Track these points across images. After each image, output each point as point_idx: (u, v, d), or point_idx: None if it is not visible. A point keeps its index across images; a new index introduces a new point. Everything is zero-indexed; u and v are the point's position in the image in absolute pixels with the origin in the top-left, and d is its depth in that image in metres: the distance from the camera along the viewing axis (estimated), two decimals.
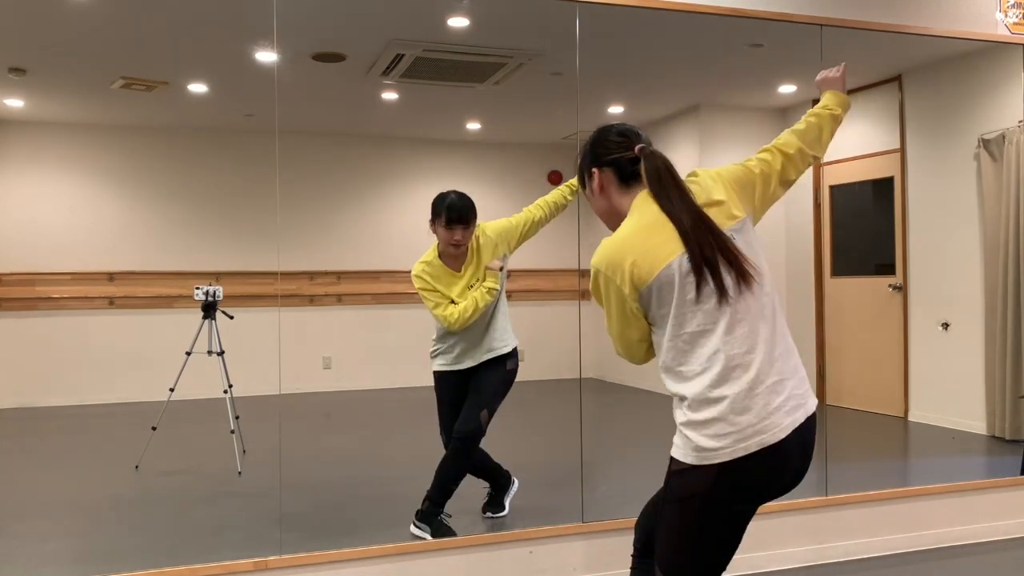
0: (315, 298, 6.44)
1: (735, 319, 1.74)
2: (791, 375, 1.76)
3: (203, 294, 4.52)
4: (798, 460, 1.74)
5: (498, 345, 3.43)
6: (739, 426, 1.68)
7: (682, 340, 1.76)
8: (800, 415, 1.73)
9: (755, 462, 1.68)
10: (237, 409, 4.52)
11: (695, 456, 1.71)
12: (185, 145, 6.48)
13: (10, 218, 6.16)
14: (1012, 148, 4.39)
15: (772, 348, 1.75)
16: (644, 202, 1.85)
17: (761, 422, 1.69)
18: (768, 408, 1.69)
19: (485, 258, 3.37)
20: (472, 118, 6.34)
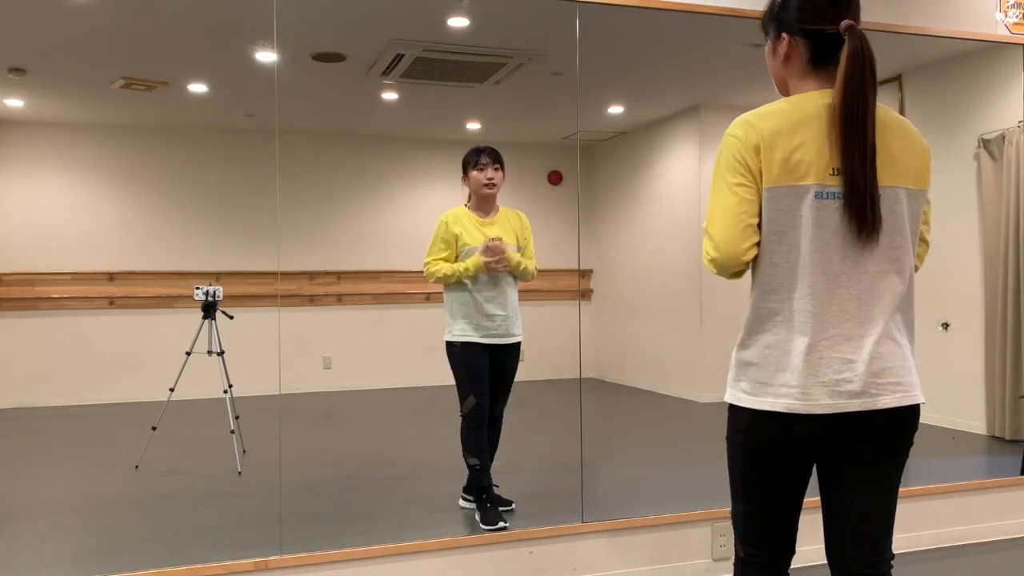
0: (315, 298, 6.44)
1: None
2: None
3: (203, 294, 4.52)
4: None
5: (517, 331, 3.56)
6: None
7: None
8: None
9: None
10: (237, 409, 4.52)
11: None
12: (185, 145, 6.48)
13: (10, 218, 6.16)
14: (1012, 148, 4.39)
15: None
16: (825, 97, 1.65)
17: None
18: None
19: (509, 231, 3.52)
20: (472, 118, 6.34)
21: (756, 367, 1.68)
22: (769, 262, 1.66)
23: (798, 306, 1.64)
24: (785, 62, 1.73)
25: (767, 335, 1.67)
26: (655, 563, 3.19)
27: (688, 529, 3.23)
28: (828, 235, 1.63)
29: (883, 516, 1.72)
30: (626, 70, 5.04)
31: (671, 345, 6.13)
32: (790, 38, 1.70)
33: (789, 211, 1.63)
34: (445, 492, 3.76)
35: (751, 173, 1.64)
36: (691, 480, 4.02)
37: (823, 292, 1.63)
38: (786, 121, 1.64)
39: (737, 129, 1.67)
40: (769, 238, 1.65)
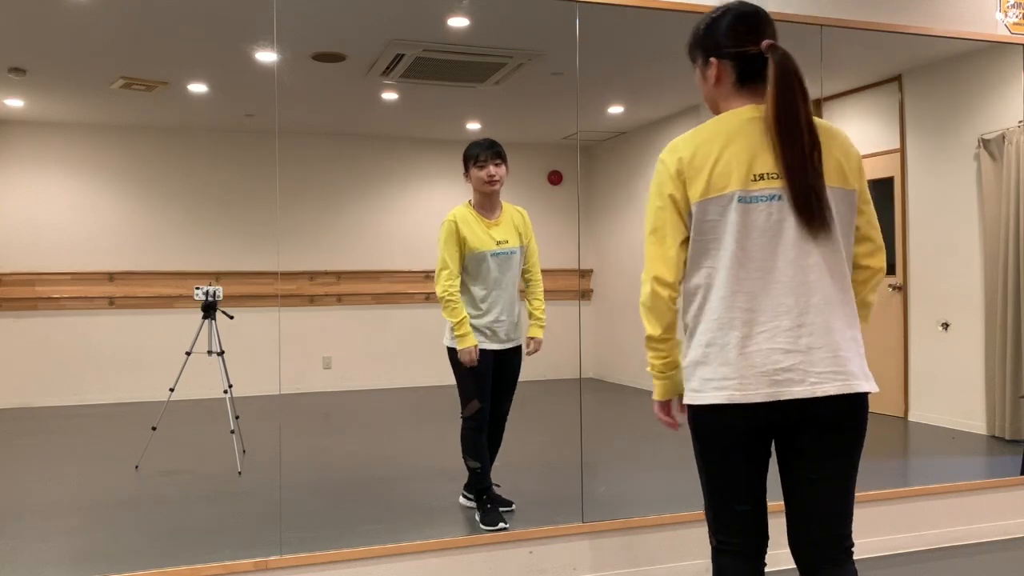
0: (315, 298, 6.44)
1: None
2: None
3: (203, 294, 4.52)
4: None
5: (519, 335, 3.57)
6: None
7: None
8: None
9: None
10: (237, 409, 4.52)
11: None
12: (185, 145, 6.48)
13: (10, 218, 6.16)
14: (1012, 148, 4.39)
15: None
16: (747, 113, 1.79)
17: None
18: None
19: (512, 231, 3.49)
20: (472, 118, 6.34)
21: (701, 365, 1.79)
22: (703, 267, 1.79)
23: (733, 302, 1.75)
24: (716, 84, 1.86)
25: (707, 334, 1.78)
26: (655, 563, 3.19)
27: (688, 529, 3.23)
28: (756, 235, 1.74)
29: (837, 507, 1.79)
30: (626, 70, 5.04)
31: None
32: (718, 61, 1.84)
33: (717, 220, 1.76)
34: (445, 492, 3.76)
35: (677, 195, 1.79)
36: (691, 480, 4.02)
37: (757, 288, 1.74)
38: (707, 139, 1.78)
39: (666, 152, 1.84)
40: (699, 246, 1.79)
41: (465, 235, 3.37)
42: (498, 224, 3.46)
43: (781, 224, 1.74)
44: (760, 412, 1.74)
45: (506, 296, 3.45)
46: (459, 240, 3.37)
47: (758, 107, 1.79)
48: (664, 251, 1.81)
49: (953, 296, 4.80)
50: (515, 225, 3.51)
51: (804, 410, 1.73)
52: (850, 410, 1.75)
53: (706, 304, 1.79)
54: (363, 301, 6.50)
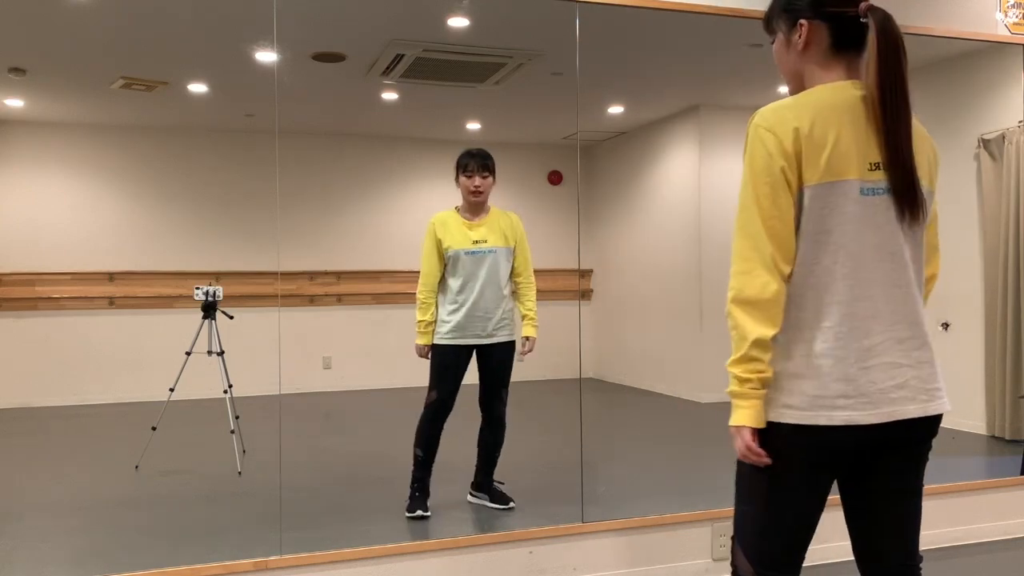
0: (315, 298, 6.43)
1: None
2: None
3: (203, 294, 4.52)
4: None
5: (502, 333, 3.68)
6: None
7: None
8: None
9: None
10: (237, 409, 4.52)
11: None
12: (185, 145, 6.48)
13: (10, 218, 6.16)
14: (1012, 148, 4.39)
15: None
16: (852, 88, 1.58)
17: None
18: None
19: (496, 232, 3.61)
20: (472, 118, 6.34)
21: (803, 379, 1.55)
22: (815, 263, 1.56)
23: (853, 309, 1.54)
24: (804, 50, 1.64)
25: (816, 343, 1.55)
26: (655, 563, 3.19)
27: (688, 529, 3.23)
28: (872, 232, 1.55)
29: (915, 522, 1.67)
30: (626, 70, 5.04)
31: (671, 345, 6.13)
32: (809, 23, 1.62)
33: (833, 210, 1.54)
34: (445, 492, 3.76)
35: (789, 171, 1.55)
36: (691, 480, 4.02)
37: (877, 292, 1.55)
38: (822, 113, 1.55)
39: (769, 119, 1.57)
40: (811, 238, 1.56)
41: (440, 236, 3.57)
42: (480, 225, 3.60)
43: (891, 222, 1.56)
44: (870, 434, 1.55)
45: (481, 294, 3.56)
46: (436, 241, 3.57)
47: (860, 83, 1.59)
48: (777, 235, 1.53)
49: (953, 296, 4.80)
50: (501, 228, 3.63)
51: (906, 429, 1.57)
52: (933, 428, 1.64)
53: (816, 307, 1.55)
54: (363, 301, 6.49)
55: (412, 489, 3.55)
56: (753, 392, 1.56)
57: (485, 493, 3.65)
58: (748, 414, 1.57)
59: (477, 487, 3.69)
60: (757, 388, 1.56)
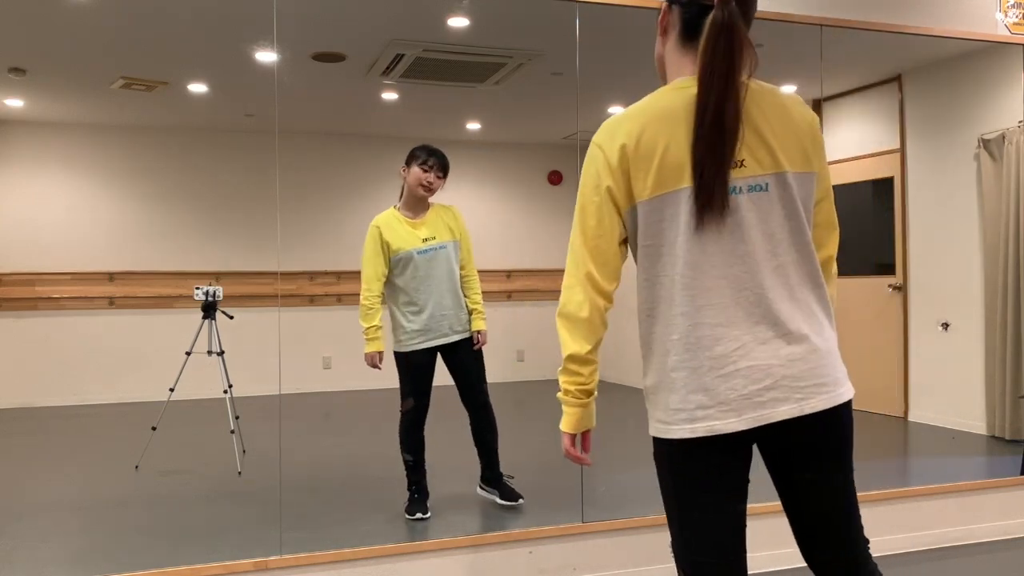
0: (315, 298, 6.44)
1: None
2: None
3: (203, 294, 4.52)
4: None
5: (459, 328, 3.64)
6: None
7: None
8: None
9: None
10: (237, 409, 4.52)
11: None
12: (185, 145, 6.48)
13: (10, 218, 6.16)
14: (1012, 148, 4.39)
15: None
16: (694, 87, 1.50)
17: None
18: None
19: (442, 227, 3.55)
20: (472, 118, 6.34)
21: (666, 392, 1.55)
22: (657, 276, 1.55)
23: (700, 318, 1.51)
24: (662, 36, 1.62)
25: (670, 356, 1.54)
26: (655, 563, 3.19)
27: None
28: (713, 237, 1.49)
29: (843, 514, 1.61)
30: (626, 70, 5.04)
31: None
32: (667, 7, 1.59)
33: (670, 221, 1.51)
34: (445, 492, 3.76)
35: (616, 189, 1.53)
36: None
37: (725, 298, 1.50)
38: (652, 121, 1.51)
39: (602, 136, 1.56)
40: (650, 251, 1.54)
41: (388, 239, 3.50)
42: (424, 222, 3.54)
43: (743, 222, 1.50)
44: (743, 440, 1.53)
45: (441, 290, 3.53)
46: (382, 244, 3.50)
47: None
48: (601, 254, 1.56)
49: (953, 296, 4.80)
50: (444, 222, 3.58)
51: (791, 429, 1.52)
52: (836, 420, 1.55)
53: (666, 320, 1.54)
54: None
55: (411, 492, 3.55)
56: (574, 401, 1.64)
57: (495, 488, 3.64)
58: (569, 420, 1.67)
59: (486, 481, 3.69)
60: (578, 397, 1.64)
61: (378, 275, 3.49)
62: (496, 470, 3.65)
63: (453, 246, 3.57)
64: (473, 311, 3.60)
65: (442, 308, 3.52)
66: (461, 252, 3.61)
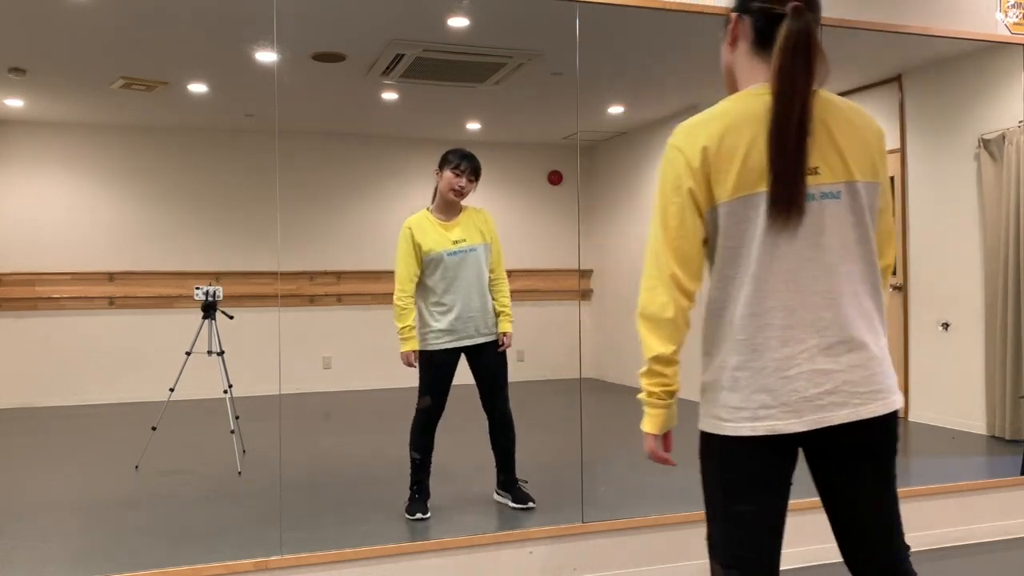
0: (315, 298, 6.44)
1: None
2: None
3: (203, 294, 4.52)
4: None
5: (486, 331, 3.66)
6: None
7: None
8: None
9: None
10: (237, 409, 4.52)
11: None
12: (185, 145, 6.48)
13: (10, 218, 6.16)
14: (1012, 148, 4.39)
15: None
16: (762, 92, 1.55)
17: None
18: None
19: (473, 230, 3.58)
20: (472, 118, 6.34)
21: (728, 391, 1.59)
22: (729, 276, 1.58)
23: (768, 319, 1.55)
24: (732, 46, 1.65)
25: (735, 355, 1.57)
26: (655, 563, 3.20)
27: (688, 529, 3.23)
28: (786, 241, 1.54)
29: (887, 520, 1.68)
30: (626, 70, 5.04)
31: None
32: (737, 17, 1.62)
33: (747, 223, 1.54)
34: (445, 492, 3.76)
35: (697, 191, 1.56)
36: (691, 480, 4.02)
37: (795, 301, 1.54)
38: (732, 125, 1.54)
39: (680, 138, 1.59)
40: (725, 252, 1.58)
41: (419, 240, 3.52)
42: (456, 224, 3.57)
43: (815, 227, 1.55)
44: (799, 441, 1.58)
45: (469, 292, 3.54)
46: (414, 246, 3.52)
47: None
48: (684, 255, 1.58)
49: (953, 296, 4.80)
50: (476, 225, 3.61)
51: (844, 433, 1.57)
52: (887, 427, 1.62)
53: (733, 320, 1.57)
54: (363, 301, 6.50)
55: (412, 491, 3.55)
56: (658, 403, 1.65)
57: (508, 492, 3.65)
58: (652, 422, 1.67)
59: (501, 486, 3.70)
60: (662, 399, 1.65)
61: (411, 275, 3.53)
62: (512, 475, 3.66)
63: (483, 249, 3.60)
64: (500, 313, 3.63)
65: (469, 310, 3.54)
66: (491, 255, 3.64)
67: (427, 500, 3.54)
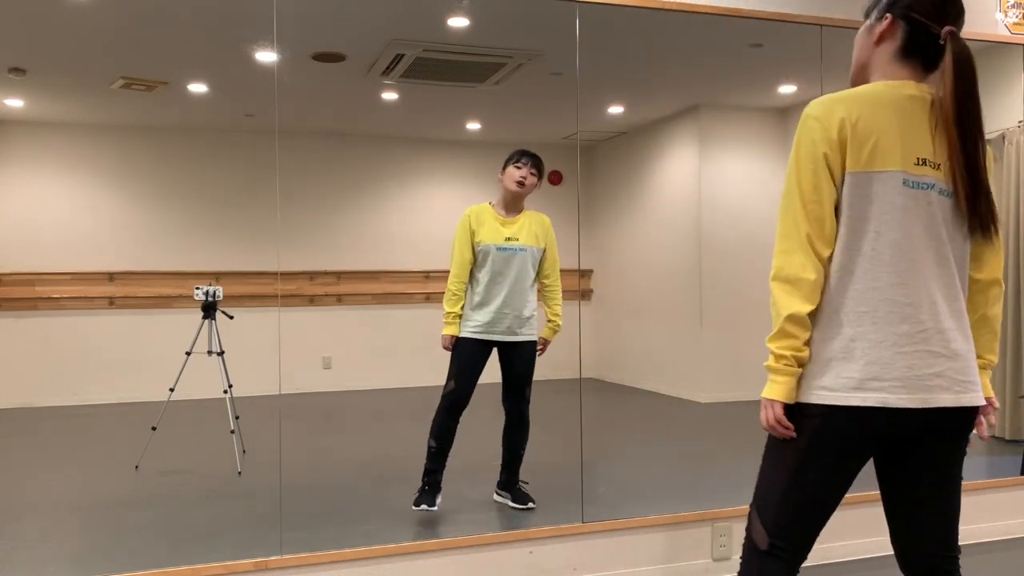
0: (315, 298, 6.44)
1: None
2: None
3: (203, 294, 4.52)
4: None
5: (525, 332, 3.72)
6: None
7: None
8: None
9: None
10: (237, 409, 4.52)
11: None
12: (185, 145, 6.48)
13: (10, 218, 6.16)
14: (1012, 148, 4.39)
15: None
16: (908, 88, 1.67)
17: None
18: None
19: (528, 232, 3.64)
20: (472, 118, 6.34)
21: (840, 361, 1.60)
22: (853, 247, 1.63)
23: (892, 295, 1.60)
24: (878, 42, 1.72)
25: (853, 326, 1.61)
26: (655, 563, 3.20)
27: (688, 529, 3.23)
28: (914, 224, 1.62)
29: (954, 513, 1.71)
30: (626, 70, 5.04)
31: (671, 345, 6.13)
32: (893, 20, 1.70)
33: (875, 198, 1.62)
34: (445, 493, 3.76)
35: (832, 157, 1.63)
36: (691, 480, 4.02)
37: (916, 282, 1.61)
38: (870, 105, 1.63)
39: (818, 109, 1.65)
40: (850, 223, 1.63)
41: (475, 228, 3.56)
42: (514, 223, 3.61)
43: (935, 218, 1.64)
44: (905, 418, 1.60)
45: (510, 291, 3.57)
46: (470, 232, 3.56)
47: (919, 86, 1.68)
48: (817, 219, 1.61)
49: None
50: (534, 228, 3.65)
51: (941, 418, 1.62)
52: (970, 420, 1.68)
53: (854, 292, 1.61)
54: (363, 301, 6.50)
55: (423, 482, 3.52)
56: (787, 368, 1.63)
57: (508, 492, 3.66)
58: (780, 389, 1.64)
59: (502, 486, 3.71)
60: (791, 365, 1.63)
61: (466, 262, 3.57)
62: (515, 476, 3.67)
63: (535, 252, 3.64)
64: (550, 321, 3.69)
65: (506, 307, 3.57)
66: (545, 262, 3.69)
67: (437, 494, 3.52)
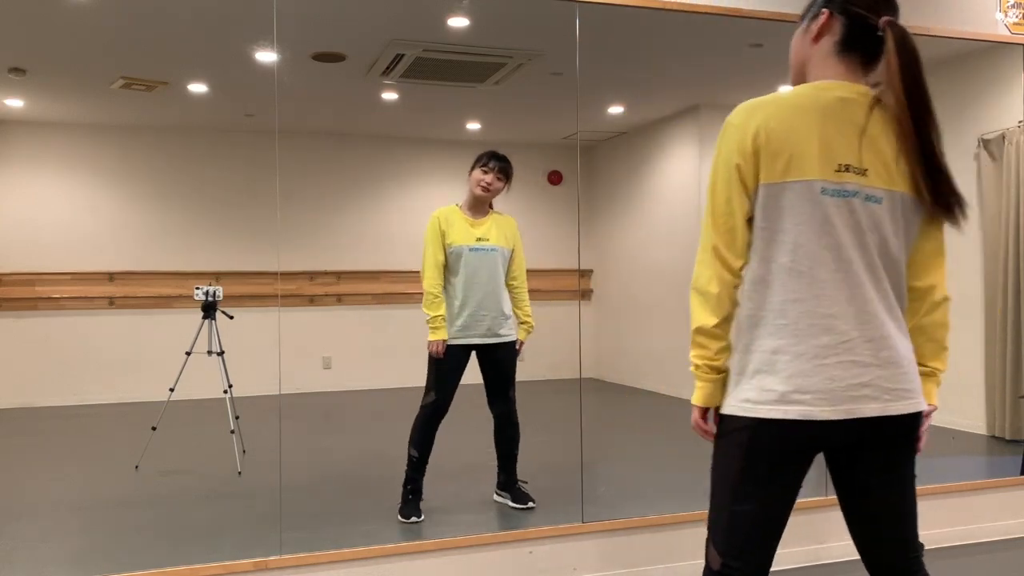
0: (315, 298, 6.44)
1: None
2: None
3: (203, 294, 4.52)
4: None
5: (505, 332, 3.68)
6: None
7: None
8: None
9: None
10: (237, 409, 4.52)
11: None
12: (185, 145, 6.48)
13: (10, 218, 6.16)
14: (1012, 148, 4.39)
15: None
16: (837, 90, 1.61)
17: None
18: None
19: (497, 232, 3.63)
20: (472, 118, 6.34)
21: (762, 374, 1.59)
22: (771, 259, 1.60)
23: (814, 306, 1.57)
24: (816, 39, 1.69)
25: (774, 339, 1.59)
26: (655, 563, 3.20)
27: (688, 529, 3.23)
28: (836, 233, 1.57)
29: (902, 519, 1.69)
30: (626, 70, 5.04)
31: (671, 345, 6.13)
32: (830, 15, 1.66)
33: (793, 208, 1.57)
34: (445, 492, 3.76)
35: (745, 168, 1.59)
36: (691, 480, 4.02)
37: (839, 293, 1.57)
38: (791, 111, 1.58)
39: (737, 117, 1.62)
40: (767, 235, 1.60)
41: (444, 230, 3.55)
42: (482, 224, 3.61)
43: (860, 225, 1.59)
44: (830, 431, 1.58)
45: (486, 291, 3.57)
46: (440, 234, 3.55)
47: (852, 86, 1.62)
48: (729, 231, 1.60)
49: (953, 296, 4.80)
50: (502, 229, 3.64)
51: (872, 427, 1.59)
52: (910, 427, 1.65)
53: (773, 304, 1.59)
54: (363, 301, 6.50)
55: (405, 491, 3.52)
56: (704, 376, 1.67)
57: (508, 492, 3.66)
58: (699, 395, 1.69)
59: (501, 486, 3.71)
60: (707, 372, 1.66)
61: (438, 264, 3.55)
62: (513, 476, 3.66)
63: (505, 252, 3.63)
64: (523, 323, 3.68)
65: (483, 308, 3.56)
66: (513, 263, 3.68)
67: (420, 501, 3.53)
